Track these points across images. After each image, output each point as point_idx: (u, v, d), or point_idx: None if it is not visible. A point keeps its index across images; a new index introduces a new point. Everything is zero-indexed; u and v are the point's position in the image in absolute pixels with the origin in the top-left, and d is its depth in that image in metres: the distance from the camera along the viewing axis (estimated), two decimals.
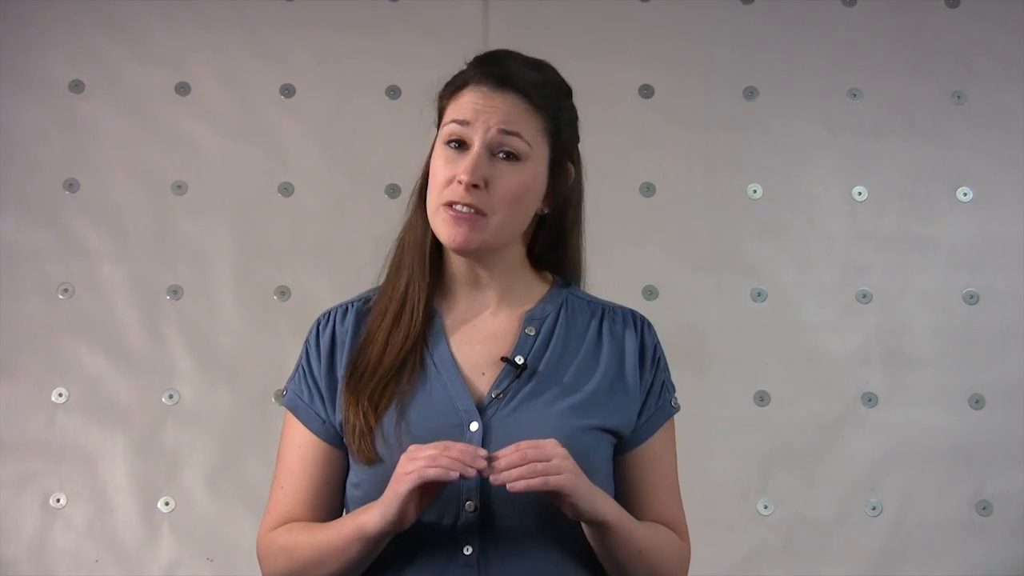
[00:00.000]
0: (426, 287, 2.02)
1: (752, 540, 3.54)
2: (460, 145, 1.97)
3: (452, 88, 2.02)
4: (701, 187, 3.69)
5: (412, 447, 1.84)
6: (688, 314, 3.60)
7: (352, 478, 1.99)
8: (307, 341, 2.07)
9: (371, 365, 1.97)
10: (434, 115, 2.07)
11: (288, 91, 3.72)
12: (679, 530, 2.04)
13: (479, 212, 1.94)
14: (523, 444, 1.83)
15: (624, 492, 2.00)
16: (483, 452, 1.82)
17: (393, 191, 3.58)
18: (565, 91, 2.08)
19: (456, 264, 2.03)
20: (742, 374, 3.60)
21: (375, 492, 1.88)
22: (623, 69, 3.72)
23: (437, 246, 2.03)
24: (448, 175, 1.95)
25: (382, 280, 2.07)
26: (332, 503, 2.01)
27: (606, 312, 2.07)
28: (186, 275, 3.64)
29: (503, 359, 1.98)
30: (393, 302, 2.02)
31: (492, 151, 1.96)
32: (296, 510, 2.00)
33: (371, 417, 1.92)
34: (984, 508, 3.56)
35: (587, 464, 1.88)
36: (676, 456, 2.07)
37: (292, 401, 2.04)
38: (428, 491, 1.84)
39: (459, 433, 1.91)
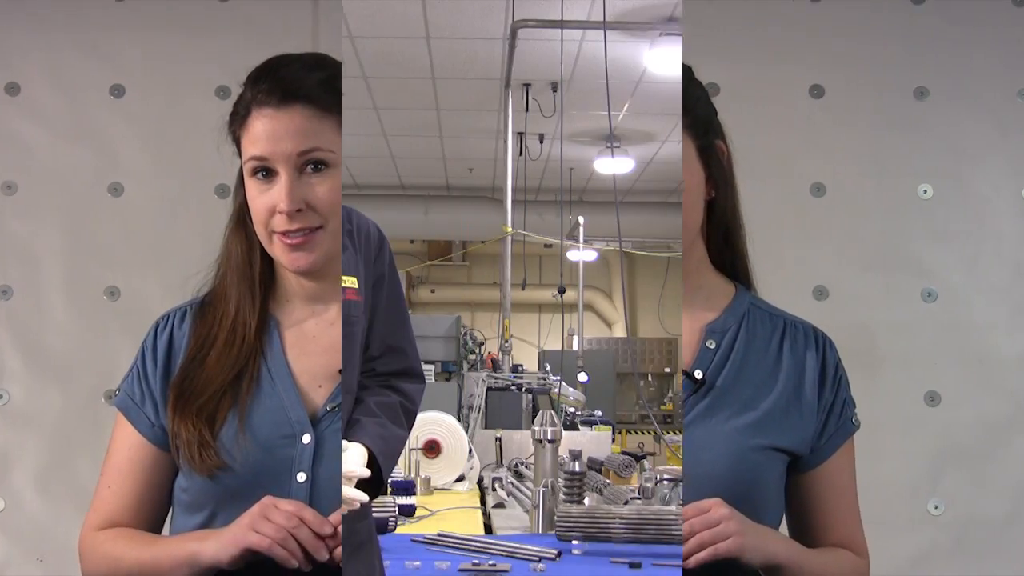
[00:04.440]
0: (256, 311, 1.96)
1: (923, 540, 3.56)
2: (267, 173, 1.88)
3: (239, 117, 1.93)
4: (871, 187, 3.70)
5: (273, 501, 1.79)
6: (858, 314, 3.62)
7: (181, 482, 1.93)
8: (144, 343, 2.01)
9: (200, 383, 1.91)
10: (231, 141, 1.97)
11: (118, 91, 3.72)
12: (857, 548, 1.98)
13: (312, 229, 1.88)
14: (689, 512, 1.75)
15: (801, 513, 1.97)
16: (332, 522, 1.75)
17: (223, 191, 3.55)
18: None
19: (294, 279, 1.98)
20: (912, 374, 3.61)
21: (202, 499, 1.88)
22: (794, 70, 3.75)
23: (267, 260, 1.98)
24: (267, 206, 1.87)
25: (206, 289, 2.02)
26: (159, 506, 1.97)
27: (787, 327, 2.00)
28: (16, 275, 3.67)
29: (684, 372, 1.95)
30: (223, 330, 1.96)
31: (300, 171, 1.87)
32: (122, 512, 1.95)
33: (206, 431, 1.86)
34: None
35: (756, 485, 1.85)
36: (855, 472, 2.01)
37: (124, 402, 1.99)
38: None
39: (291, 444, 1.88)
